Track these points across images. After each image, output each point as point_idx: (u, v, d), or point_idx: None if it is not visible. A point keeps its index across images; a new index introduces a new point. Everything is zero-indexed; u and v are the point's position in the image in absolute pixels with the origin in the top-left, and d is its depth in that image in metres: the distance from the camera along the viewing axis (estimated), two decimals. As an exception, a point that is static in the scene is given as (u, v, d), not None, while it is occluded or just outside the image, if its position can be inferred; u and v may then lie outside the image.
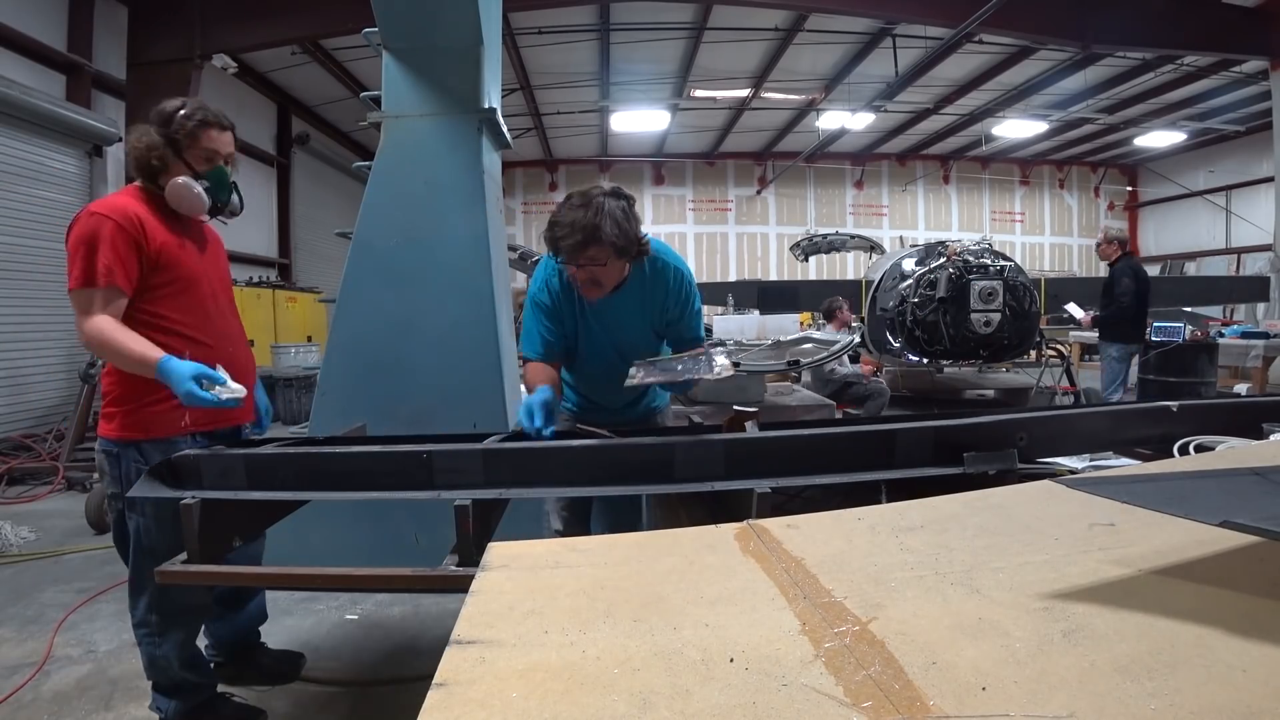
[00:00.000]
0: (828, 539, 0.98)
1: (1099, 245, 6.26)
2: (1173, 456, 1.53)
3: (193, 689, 2.05)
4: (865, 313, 8.00)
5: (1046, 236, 18.30)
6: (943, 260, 6.82)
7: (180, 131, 1.88)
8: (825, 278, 16.03)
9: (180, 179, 1.88)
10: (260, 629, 2.50)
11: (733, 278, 16.68)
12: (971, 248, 7.05)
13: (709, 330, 9.89)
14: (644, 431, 1.94)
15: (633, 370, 1.73)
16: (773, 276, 16.94)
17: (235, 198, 2.02)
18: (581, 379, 2.18)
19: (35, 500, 4.88)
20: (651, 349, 2.04)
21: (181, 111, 1.90)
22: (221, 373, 1.72)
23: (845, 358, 5.79)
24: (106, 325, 1.75)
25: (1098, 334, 6.39)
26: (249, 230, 11.31)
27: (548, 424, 1.66)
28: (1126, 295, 5.85)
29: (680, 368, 1.76)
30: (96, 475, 5.09)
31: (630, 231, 1.82)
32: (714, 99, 12.46)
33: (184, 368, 1.69)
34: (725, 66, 11.38)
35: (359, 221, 3.25)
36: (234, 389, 1.71)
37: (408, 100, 3.28)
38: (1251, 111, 12.83)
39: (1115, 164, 18.00)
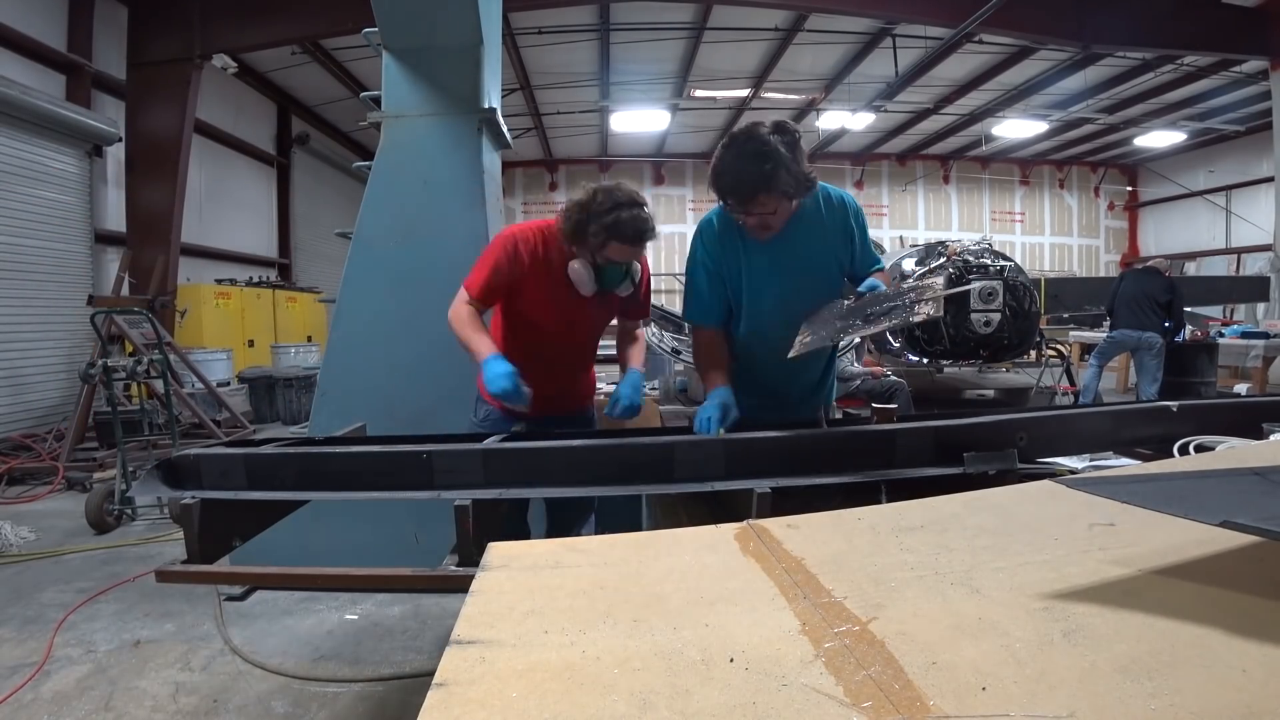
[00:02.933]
0: (828, 539, 0.98)
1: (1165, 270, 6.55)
2: (1173, 456, 1.53)
3: None
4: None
5: (1046, 236, 18.30)
6: (943, 260, 6.82)
7: (592, 232, 1.97)
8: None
9: (576, 264, 2.05)
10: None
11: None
12: (971, 248, 7.05)
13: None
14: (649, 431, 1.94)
15: (800, 338, 1.61)
16: (773, 276, 16.89)
17: (627, 282, 2.12)
18: (748, 349, 1.97)
19: (35, 500, 4.88)
20: (835, 285, 1.90)
21: (608, 212, 1.95)
22: (524, 387, 1.93)
23: (851, 355, 5.78)
24: (461, 316, 2.07)
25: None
26: (249, 230, 11.32)
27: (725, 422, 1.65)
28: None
29: (868, 312, 1.58)
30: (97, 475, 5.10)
31: (800, 174, 1.68)
32: (714, 99, 12.45)
33: (499, 367, 1.91)
34: (725, 66, 11.38)
35: (359, 221, 3.25)
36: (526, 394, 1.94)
37: (408, 100, 3.28)
38: (1251, 111, 12.82)
39: (1115, 164, 18.00)
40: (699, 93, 12.09)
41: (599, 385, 2.68)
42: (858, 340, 5.43)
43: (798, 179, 1.68)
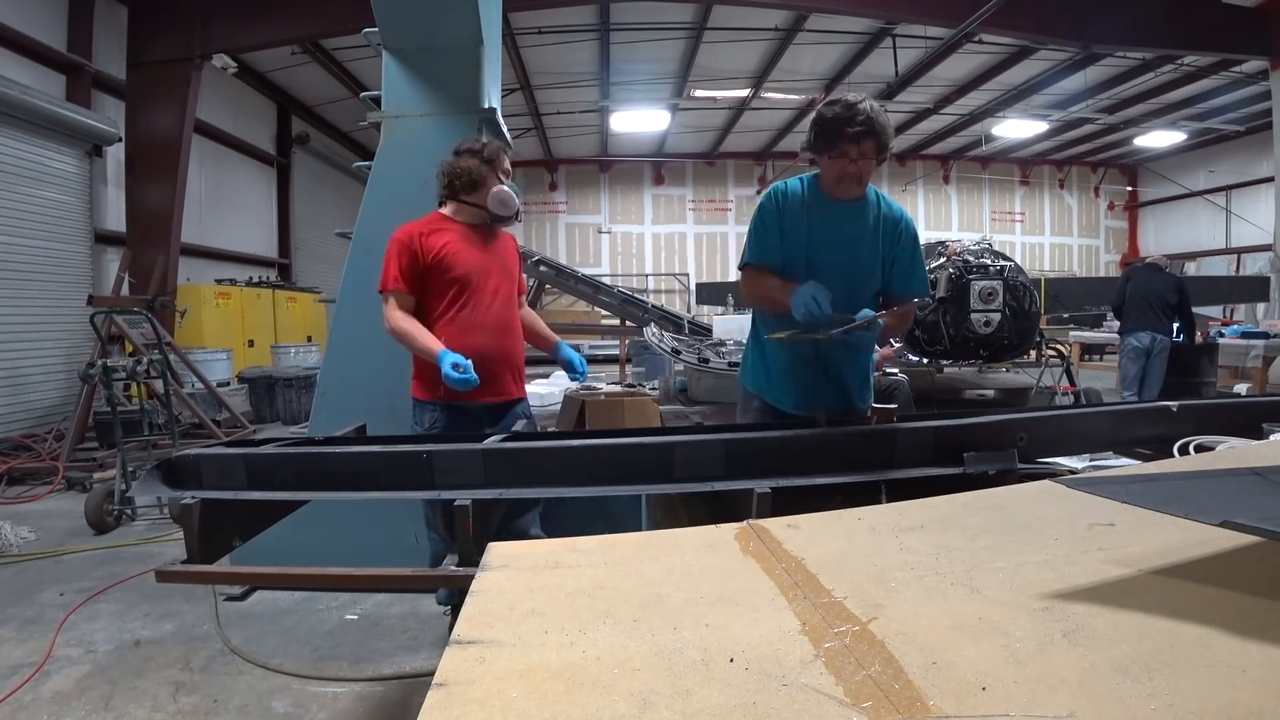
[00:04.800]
0: (828, 539, 0.98)
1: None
2: (1173, 456, 1.53)
3: None
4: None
5: (1046, 236, 18.30)
6: (943, 260, 6.82)
7: (485, 156, 2.42)
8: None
9: (496, 189, 2.41)
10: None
11: (733, 278, 16.66)
12: (971, 248, 7.05)
13: (708, 330, 9.90)
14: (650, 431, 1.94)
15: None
16: (773, 277, 16.91)
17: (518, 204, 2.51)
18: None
19: (35, 500, 4.88)
20: (876, 280, 2.04)
21: (481, 143, 2.48)
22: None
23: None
24: (399, 319, 2.30)
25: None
26: (249, 230, 11.33)
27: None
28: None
29: (835, 333, 1.75)
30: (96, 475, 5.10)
31: (893, 138, 1.92)
32: (714, 99, 12.46)
33: (454, 358, 2.17)
34: (725, 66, 11.38)
35: (359, 221, 3.25)
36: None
37: (408, 100, 3.28)
38: (1251, 111, 12.82)
39: (1115, 164, 18.00)
40: (699, 93, 12.10)
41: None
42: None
43: (888, 139, 1.92)
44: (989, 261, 6.70)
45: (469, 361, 2.18)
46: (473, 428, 2.36)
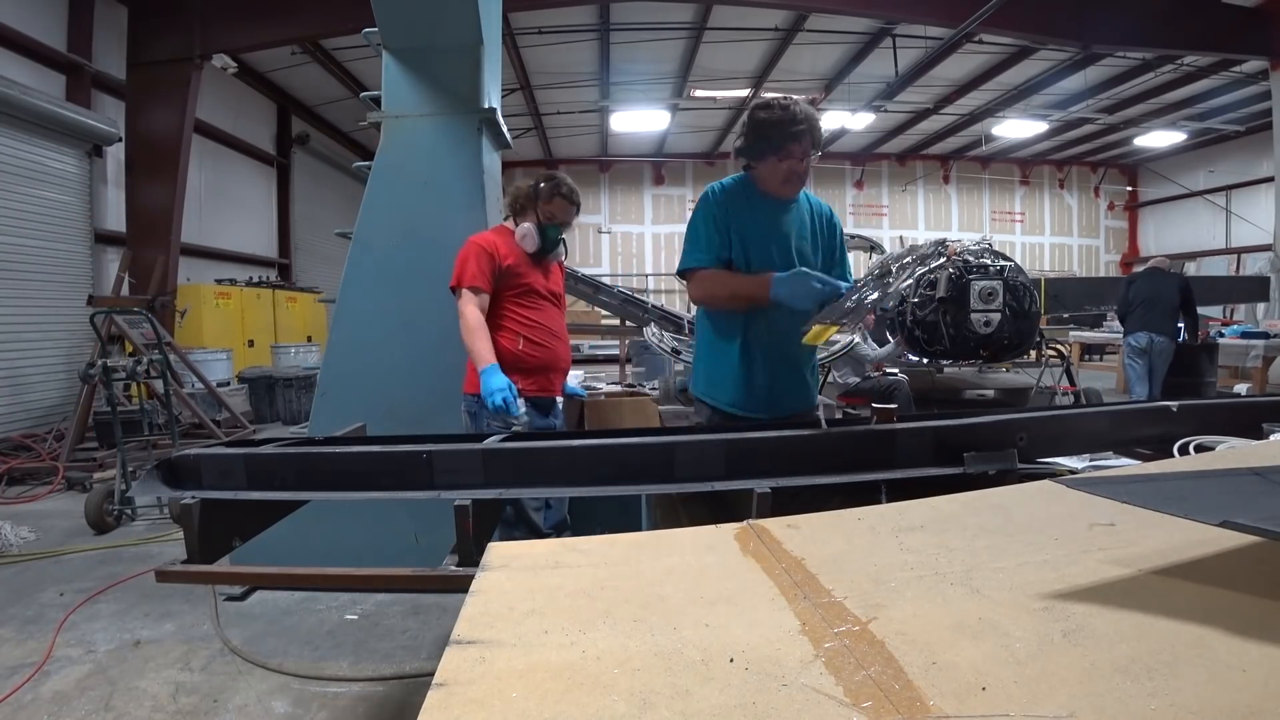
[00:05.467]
0: (828, 539, 0.98)
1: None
2: (1173, 456, 1.53)
3: None
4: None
5: (1046, 236, 18.31)
6: (943, 260, 6.81)
7: (543, 192, 2.66)
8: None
9: (524, 224, 2.66)
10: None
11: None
12: (971, 248, 7.04)
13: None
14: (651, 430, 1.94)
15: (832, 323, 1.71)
16: (773, 276, 16.94)
17: (562, 247, 2.81)
18: (743, 317, 2.02)
19: (35, 500, 4.88)
20: (812, 263, 2.08)
21: (552, 180, 2.69)
22: (520, 406, 2.47)
23: (871, 342, 5.80)
24: (472, 317, 2.53)
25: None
26: (249, 230, 11.33)
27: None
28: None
29: (854, 299, 1.73)
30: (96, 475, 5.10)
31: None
32: (714, 99, 12.47)
33: (496, 382, 2.44)
34: (725, 66, 11.39)
35: (359, 221, 3.25)
36: (519, 418, 2.47)
37: (408, 100, 3.28)
38: (1251, 111, 12.83)
39: (1115, 164, 18.00)
40: (699, 93, 12.10)
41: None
42: (856, 339, 5.43)
43: (821, 139, 2.04)
44: (989, 261, 6.70)
45: (512, 387, 2.44)
46: (541, 413, 2.68)
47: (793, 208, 2.09)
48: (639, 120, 13.16)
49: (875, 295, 1.71)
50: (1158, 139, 14.61)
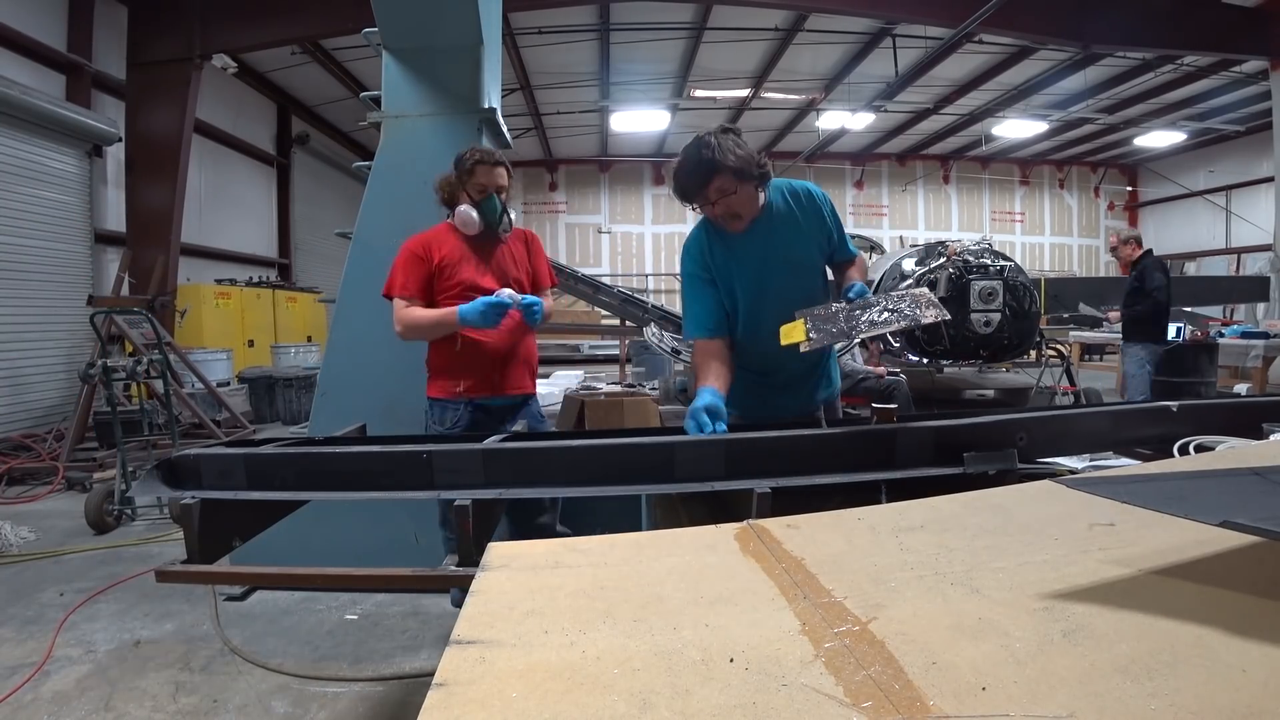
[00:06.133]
0: (828, 539, 0.98)
1: (1115, 248, 5.99)
2: (1173, 456, 1.53)
3: None
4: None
5: (1046, 236, 18.31)
6: (943, 260, 6.82)
7: (461, 169, 2.46)
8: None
9: (460, 208, 2.44)
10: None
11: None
12: (971, 248, 7.05)
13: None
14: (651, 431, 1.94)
15: (808, 333, 1.66)
16: (773, 276, 16.94)
17: (506, 219, 2.49)
18: (752, 345, 2.00)
19: (35, 500, 4.88)
20: (819, 267, 2.02)
21: (462, 155, 2.48)
22: (506, 294, 2.28)
23: (857, 352, 5.78)
24: (408, 312, 2.35)
25: (1121, 336, 6.09)
26: (249, 230, 11.33)
27: (716, 424, 1.66)
28: (1161, 290, 5.60)
29: (866, 316, 1.62)
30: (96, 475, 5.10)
31: (746, 154, 1.83)
32: (714, 99, 12.46)
33: (475, 304, 2.23)
34: (725, 66, 11.38)
35: (359, 221, 3.25)
36: (509, 293, 2.30)
37: (408, 100, 3.28)
38: (1251, 111, 12.83)
39: (1115, 164, 18.01)
40: (699, 93, 12.10)
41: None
42: (858, 342, 5.42)
43: (744, 160, 1.81)
44: (989, 261, 6.70)
45: (506, 293, 2.27)
46: (493, 423, 2.42)
47: (762, 227, 1.94)
48: (639, 120, 13.16)
49: (875, 317, 1.62)
50: (1158, 139, 14.61)
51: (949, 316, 1.47)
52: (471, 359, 2.40)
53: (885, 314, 1.62)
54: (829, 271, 2.10)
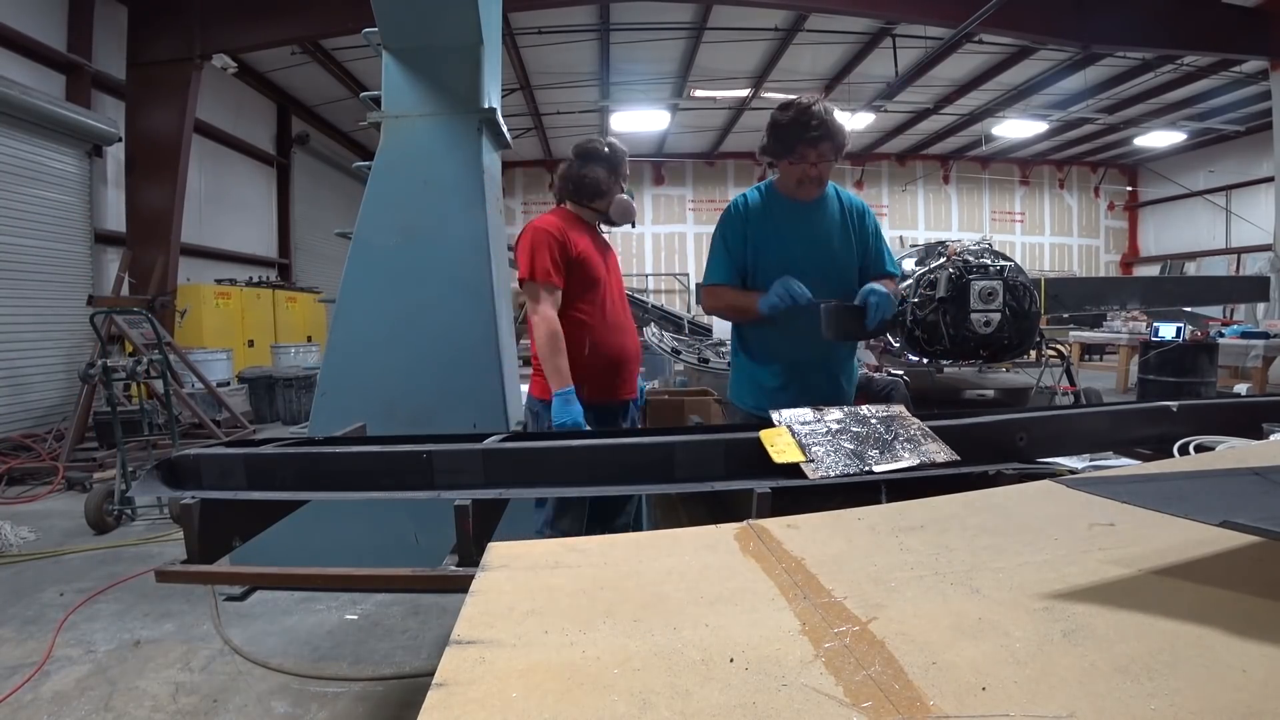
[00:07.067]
0: (828, 539, 0.98)
1: None
2: (1173, 456, 1.53)
3: None
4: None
5: (1046, 236, 18.30)
6: (943, 260, 6.82)
7: (614, 159, 2.46)
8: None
9: (620, 196, 2.46)
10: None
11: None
12: (971, 248, 7.05)
13: (708, 330, 9.87)
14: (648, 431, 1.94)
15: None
16: (773, 276, 16.94)
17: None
18: (772, 319, 2.04)
19: (35, 500, 4.88)
20: (853, 271, 2.09)
21: (601, 144, 2.47)
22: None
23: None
24: (550, 324, 2.26)
25: None
26: (249, 230, 11.33)
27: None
28: None
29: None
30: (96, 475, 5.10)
31: (847, 136, 1.98)
32: (714, 99, 12.47)
33: (565, 413, 2.17)
34: (725, 66, 11.38)
35: (359, 221, 3.25)
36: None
37: (408, 100, 3.28)
38: (1251, 111, 12.82)
39: (1115, 164, 18.00)
40: (699, 93, 12.10)
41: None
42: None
43: (844, 139, 1.97)
44: (989, 261, 6.70)
45: (580, 416, 2.21)
46: (612, 422, 2.46)
47: (819, 208, 2.07)
48: (639, 120, 13.15)
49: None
50: (1158, 139, 14.60)
51: (957, 458, 1.42)
52: (594, 362, 2.37)
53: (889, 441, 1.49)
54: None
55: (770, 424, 1.52)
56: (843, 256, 2.09)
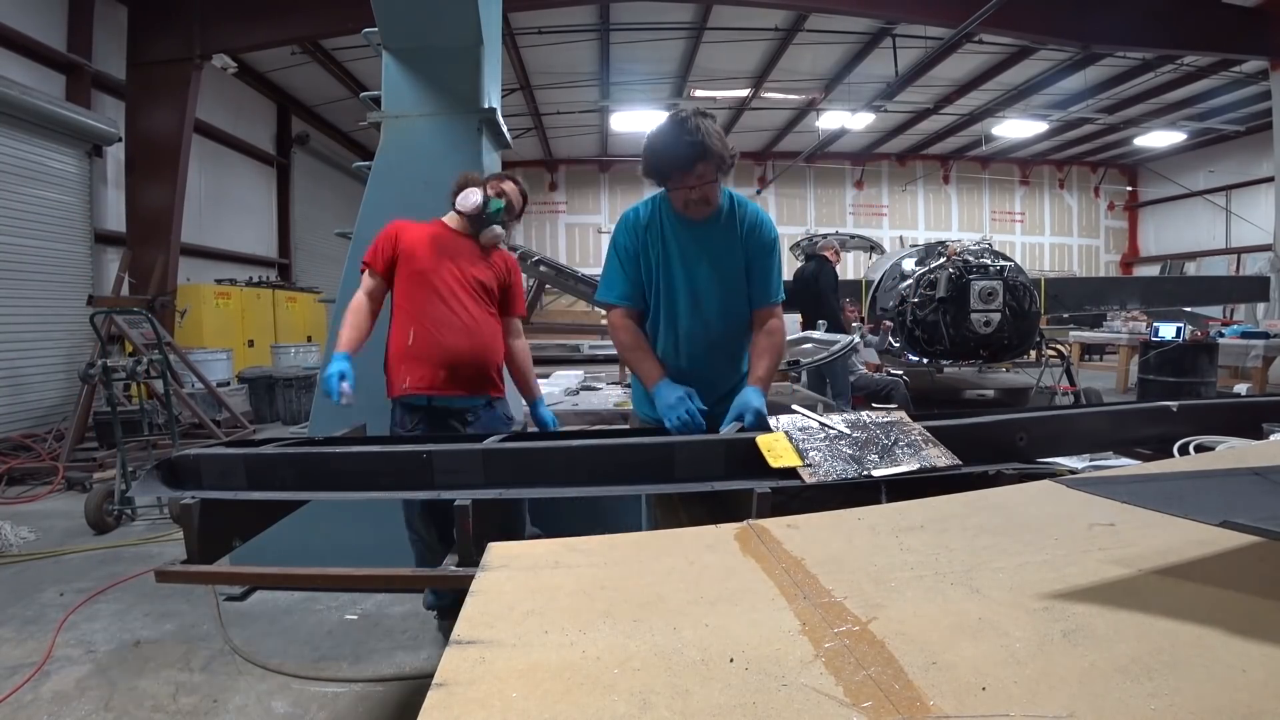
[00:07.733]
0: (828, 539, 0.98)
1: None
2: (1173, 456, 1.53)
3: None
4: (865, 313, 8.02)
5: (1046, 236, 18.30)
6: (943, 260, 6.82)
7: (490, 177, 2.58)
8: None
9: (467, 189, 2.50)
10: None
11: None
12: (971, 248, 7.05)
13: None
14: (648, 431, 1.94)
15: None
16: (773, 276, 16.93)
17: (499, 222, 2.55)
18: (665, 334, 2.00)
19: (35, 500, 4.88)
20: (741, 287, 1.98)
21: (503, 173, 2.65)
22: (345, 391, 2.17)
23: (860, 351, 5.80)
24: (353, 300, 2.46)
25: None
26: (249, 230, 11.32)
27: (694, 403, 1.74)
28: None
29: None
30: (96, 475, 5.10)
31: (728, 147, 1.85)
32: (714, 99, 12.46)
33: (331, 366, 2.21)
34: (725, 66, 11.38)
35: (359, 221, 3.25)
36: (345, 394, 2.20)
37: (408, 100, 3.28)
38: (1251, 111, 12.82)
39: (1115, 164, 18.00)
40: (699, 93, 12.09)
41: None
42: (856, 338, 5.43)
43: (727, 151, 1.83)
44: (989, 261, 6.71)
45: (350, 382, 2.18)
46: (446, 425, 2.47)
47: (712, 226, 1.94)
48: (639, 120, 13.13)
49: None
50: (1158, 139, 14.60)
51: (959, 463, 1.40)
52: (416, 353, 2.42)
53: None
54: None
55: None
56: (735, 279, 1.96)
